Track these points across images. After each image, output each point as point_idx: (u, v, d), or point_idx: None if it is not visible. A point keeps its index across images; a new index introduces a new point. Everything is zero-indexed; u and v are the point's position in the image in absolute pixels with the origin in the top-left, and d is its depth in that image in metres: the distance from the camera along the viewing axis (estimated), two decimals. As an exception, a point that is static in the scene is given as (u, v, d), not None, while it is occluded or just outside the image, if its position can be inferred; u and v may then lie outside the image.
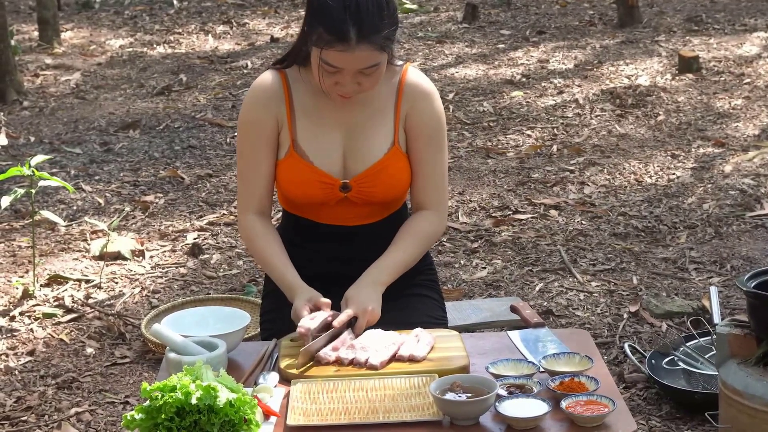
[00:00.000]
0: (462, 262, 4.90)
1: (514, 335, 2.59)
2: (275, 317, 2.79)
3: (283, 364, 2.44)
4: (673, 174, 5.91)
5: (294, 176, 2.69)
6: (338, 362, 2.44)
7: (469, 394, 2.20)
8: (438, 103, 2.75)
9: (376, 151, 2.69)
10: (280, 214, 2.93)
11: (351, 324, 2.59)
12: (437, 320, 2.83)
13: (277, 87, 2.71)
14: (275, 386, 2.34)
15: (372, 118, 2.71)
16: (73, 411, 3.77)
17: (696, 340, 3.81)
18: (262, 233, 2.73)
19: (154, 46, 9.96)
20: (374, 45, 2.52)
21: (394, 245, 2.74)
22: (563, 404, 2.18)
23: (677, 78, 7.77)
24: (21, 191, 4.57)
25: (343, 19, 2.49)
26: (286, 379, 2.39)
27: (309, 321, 2.50)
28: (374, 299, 2.63)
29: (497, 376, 2.32)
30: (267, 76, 2.74)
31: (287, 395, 2.30)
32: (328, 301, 2.59)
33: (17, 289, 4.71)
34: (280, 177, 2.72)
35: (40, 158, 4.61)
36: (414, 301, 2.83)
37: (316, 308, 2.57)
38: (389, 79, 2.72)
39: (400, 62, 2.75)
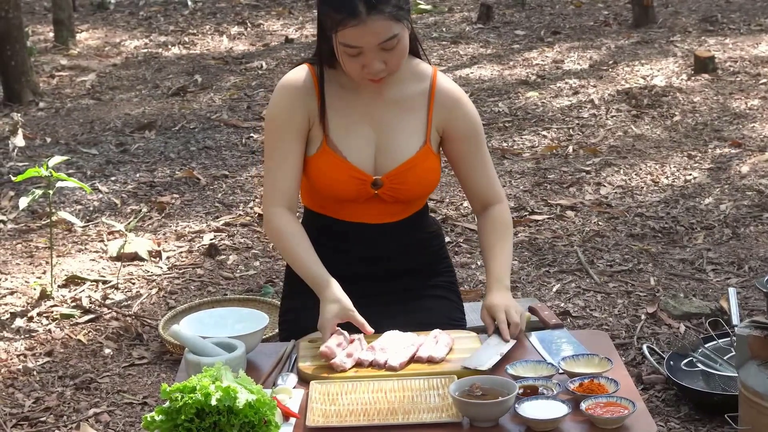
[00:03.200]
0: (479, 263, 4.90)
1: (533, 336, 2.59)
2: (294, 318, 2.79)
3: (301, 365, 2.44)
4: (690, 175, 5.89)
5: (327, 171, 2.68)
6: (358, 364, 2.43)
7: (489, 396, 2.20)
8: (471, 106, 2.78)
9: (407, 148, 2.69)
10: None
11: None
12: (456, 322, 2.82)
13: (308, 82, 2.69)
14: (294, 387, 2.34)
15: (403, 116, 2.70)
16: (91, 412, 3.78)
17: (714, 342, 3.80)
18: (288, 225, 2.68)
19: (169, 46, 9.98)
20: (386, 14, 2.51)
21: (493, 249, 2.75)
22: (583, 406, 2.17)
23: (693, 78, 7.74)
24: (38, 192, 4.59)
25: None
26: (304, 380, 2.39)
27: (335, 345, 2.45)
28: (515, 304, 2.65)
29: (516, 378, 2.32)
30: (297, 72, 2.72)
31: (306, 396, 2.30)
32: (359, 318, 2.55)
33: (35, 289, 4.72)
34: (312, 172, 2.70)
35: (57, 159, 4.63)
36: (432, 303, 2.82)
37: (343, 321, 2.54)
38: (419, 81, 2.73)
39: (428, 65, 2.76)
